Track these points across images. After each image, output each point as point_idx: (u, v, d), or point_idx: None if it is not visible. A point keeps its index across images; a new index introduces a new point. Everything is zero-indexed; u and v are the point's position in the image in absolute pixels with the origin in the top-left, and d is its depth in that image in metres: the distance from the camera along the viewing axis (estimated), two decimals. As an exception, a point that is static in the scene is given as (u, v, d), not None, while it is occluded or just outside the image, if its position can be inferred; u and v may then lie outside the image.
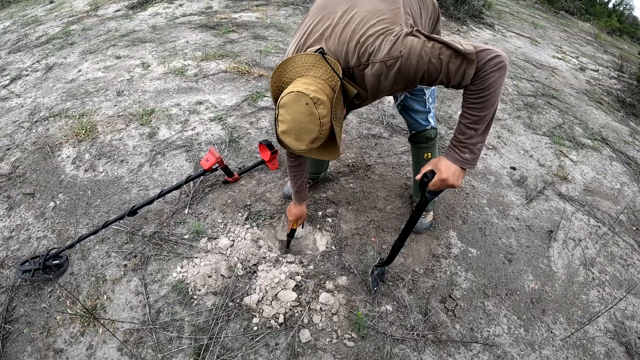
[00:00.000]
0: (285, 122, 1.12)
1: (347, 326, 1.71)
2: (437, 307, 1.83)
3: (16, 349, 1.65)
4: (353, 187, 2.38)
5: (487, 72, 1.08)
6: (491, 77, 1.09)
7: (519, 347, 1.75)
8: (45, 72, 3.71)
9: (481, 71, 1.09)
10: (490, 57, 1.08)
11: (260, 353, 1.60)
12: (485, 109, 1.14)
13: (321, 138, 1.14)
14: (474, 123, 1.17)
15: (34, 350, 1.64)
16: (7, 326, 1.72)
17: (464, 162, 1.23)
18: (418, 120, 1.75)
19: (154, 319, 1.70)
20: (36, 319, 1.74)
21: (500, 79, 1.10)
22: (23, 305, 1.79)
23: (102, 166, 2.46)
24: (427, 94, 1.68)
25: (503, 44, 5.40)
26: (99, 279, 1.85)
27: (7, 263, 1.95)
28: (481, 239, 2.17)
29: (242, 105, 3.03)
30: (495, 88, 1.10)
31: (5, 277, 1.89)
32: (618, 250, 2.31)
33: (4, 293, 1.83)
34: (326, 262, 1.95)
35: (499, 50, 1.10)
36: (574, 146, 3.19)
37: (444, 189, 1.31)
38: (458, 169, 1.23)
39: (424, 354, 1.66)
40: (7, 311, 1.76)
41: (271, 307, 1.71)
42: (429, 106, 1.72)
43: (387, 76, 1.15)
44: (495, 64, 1.08)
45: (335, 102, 1.13)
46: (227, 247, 1.93)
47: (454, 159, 1.23)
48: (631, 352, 1.81)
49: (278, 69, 1.22)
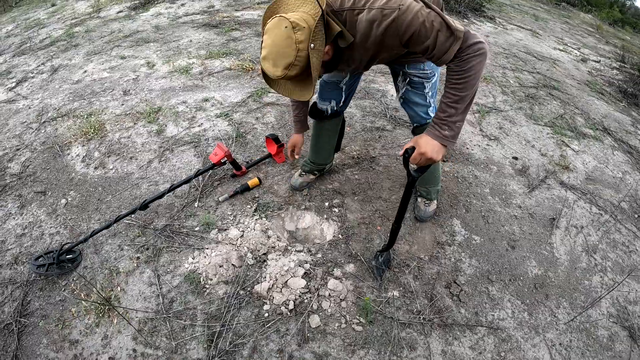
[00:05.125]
0: (266, 47, 1.16)
1: (355, 311, 1.75)
2: (443, 292, 1.87)
3: (32, 342, 1.68)
4: (358, 178, 2.42)
5: (470, 55, 1.18)
6: (473, 61, 1.19)
7: (523, 331, 1.78)
8: (51, 73, 3.74)
9: (464, 53, 1.18)
10: (474, 42, 1.18)
11: (272, 338, 1.65)
12: (465, 89, 1.23)
13: (296, 66, 1.16)
14: (455, 102, 1.25)
15: (49, 342, 1.67)
16: (22, 320, 1.74)
17: (443, 138, 1.30)
18: (419, 113, 1.78)
19: (167, 308, 1.74)
20: (51, 312, 1.77)
21: (481, 64, 1.20)
22: (38, 299, 1.82)
23: (111, 163, 2.50)
24: (427, 87, 1.70)
25: (504, 37, 5.40)
26: (113, 272, 1.88)
27: (20, 259, 1.98)
28: (484, 227, 2.20)
29: (248, 102, 3.07)
30: (476, 71, 1.20)
31: (20, 273, 1.92)
32: (620, 237, 2.32)
33: (19, 288, 1.86)
34: (334, 251, 1.99)
35: (482, 38, 1.20)
36: (575, 136, 3.19)
37: (425, 165, 1.38)
38: (437, 144, 1.31)
39: (431, 338, 1.70)
40: (22, 305, 1.79)
41: (281, 294, 1.76)
42: (430, 100, 1.74)
43: (380, 25, 1.20)
44: (478, 49, 1.18)
45: (315, 31, 1.15)
46: (237, 238, 1.98)
47: (434, 135, 1.31)
48: (634, 336, 1.83)
49: (271, 7, 1.26)
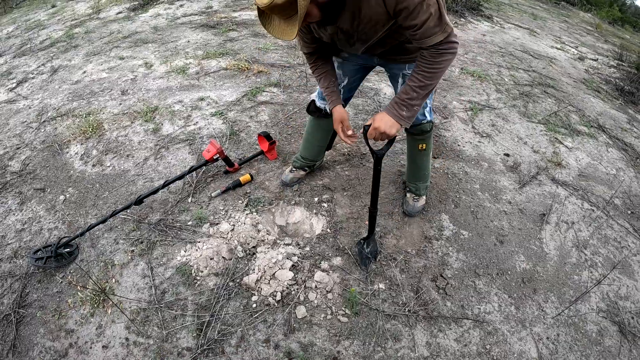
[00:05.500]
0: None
1: (341, 303, 1.79)
2: (429, 286, 1.90)
3: (29, 332, 1.74)
4: (348, 174, 2.46)
5: (446, 50, 1.31)
6: (446, 56, 1.31)
7: (509, 324, 1.80)
8: (51, 74, 3.81)
9: (442, 46, 1.28)
10: (453, 40, 1.30)
11: (259, 328, 1.69)
12: (432, 79, 1.34)
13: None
14: (419, 88, 1.36)
15: (46, 332, 1.73)
16: (21, 311, 1.80)
17: (400, 118, 1.41)
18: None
19: (159, 299, 1.79)
20: (48, 303, 1.82)
21: (450, 61, 1.34)
22: (36, 291, 1.88)
23: (109, 161, 2.56)
24: None
25: (501, 36, 5.41)
26: (108, 264, 1.94)
27: (20, 253, 2.05)
28: (473, 222, 2.23)
29: (242, 100, 3.12)
30: (445, 66, 1.33)
31: (19, 266, 1.98)
32: (612, 233, 2.33)
33: (18, 280, 1.91)
34: (322, 244, 2.03)
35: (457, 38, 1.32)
36: (569, 133, 3.19)
37: (385, 140, 1.49)
38: (392, 121, 1.41)
39: (415, 329, 1.73)
40: (21, 297, 1.85)
41: (269, 286, 1.80)
42: (427, 101, 1.75)
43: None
44: (453, 48, 1.31)
45: None
46: (227, 232, 2.02)
47: (392, 113, 1.42)
48: (624, 331, 1.84)
49: None
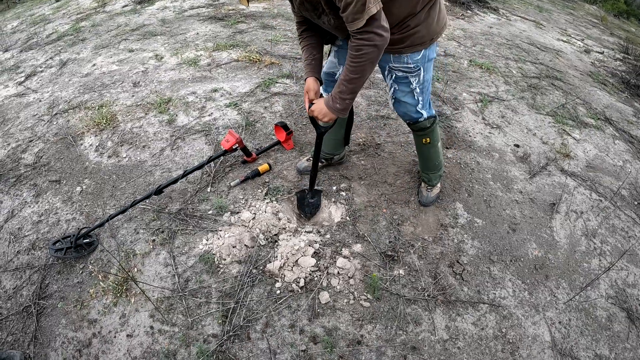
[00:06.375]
0: None
1: (363, 288, 1.84)
2: (446, 271, 1.95)
3: (51, 323, 1.76)
4: (364, 163, 2.49)
5: (364, 42, 1.29)
6: (365, 49, 1.30)
7: (523, 309, 1.85)
8: (60, 67, 3.80)
9: (361, 35, 1.28)
10: (375, 31, 1.26)
11: (284, 314, 1.73)
12: (355, 72, 1.37)
13: None
14: (346, 81, 1.41)
15: (68, 322, 1.75)
16: (41, 302, 1.82)
17: (333, 109, 1.54)
18: (408, 113, 1.82)
19: (183, 287, 1.82)
20: (69, 294, 1.84)
21: (371, 55, 1.31)
22: (56, 282, 1.90)
23: (124, 152, 2.58)
24: (414, 83, 1.68)
25: (507, 28, 5.42)
26: (129, 254, 1.97)
27: (38, 245, 2.06)
28: (486, 210, 2.28)
29: (256, 92, 3.14)
30: (366, 60, 1.32)
31: (37, 258, 2.00)
32: (619, 223, 2.37)
33: (37, 272, 1.94)
34: (341, 232, 2.07)
35: (383, 30, 1.28)
36: (577, 125, 3.22)
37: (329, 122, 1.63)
38: (325, 110, 1.56)
39: (435, 314, 1.78)
40: (41, 288, 1.87)
41: (292, 273, 1.84)
42: (418, 97, 1.74)
43: None
44: (372, 39, 1.27)
45: None
46: (249, 220, 2.06)
47: (328, 104, 1.54)
48: (632, 318, 1.89)
49: None
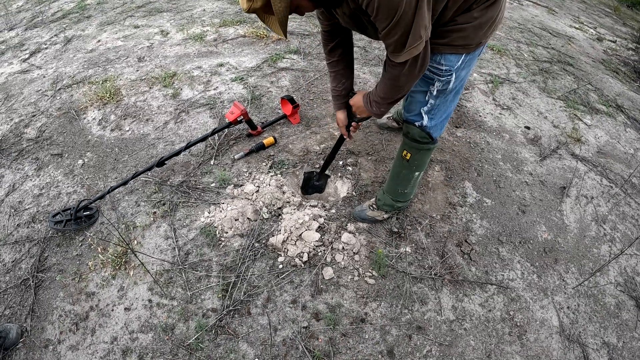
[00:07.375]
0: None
1: (368, 265, 1.80)
2: (454, 250, 1.91)
3: (49, 295, 1.74)
4: (372, 139, 2.45)
5: (402, 74, 1.25)
6: (403, 79, 1.27)
7: (532, 292, 1.82)
8: (65, 44, 3.75)
9: (399, 67, 1.24)
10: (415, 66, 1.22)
11: (286, 289, 1.70)
12: (388, 92, 1.35)
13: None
14: (380, 96, 1.39)
15: (66, 295, 1.73)
16: (39, 275, 1.80)
17: (370, 110, 1.48)
18: (410, 107, 1.56)
19: (183, 260, 1.79)
20: (68, 267, 1.82)
21: (409, 83, 1.29)
22: (55, 255, 1.88)
23: (128, 125, 2.54)
24: (435, 87, 1.45)
25: (519, 12, 5.31)
26: (129, 226, 1.94)
27: (38, 218, 2.04)
28: (496, 191, 2.22)
29: (262, 67, 3.08)
30: (401, 84, 1.29)
31: (37, 231, 1.98)
32: (630, 210, 2.33)
33: (36, 245, 1.91)
34: (347, 207, 2.03)
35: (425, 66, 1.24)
36: (588, 111, 3.16)
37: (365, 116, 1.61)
38: (363, 107, 1.51)
39: (441, 293, 1.75)
40: (40, 261, 1.85)
41: (295, 247, 1.81)
42: (429, 100, 1.49)
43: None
44: (412, 72, 1.24)
45: None
46: (252, 193, 2.02)
47: (365, 101, 1.49)
48: (641, 306, 1.85)
49: None
